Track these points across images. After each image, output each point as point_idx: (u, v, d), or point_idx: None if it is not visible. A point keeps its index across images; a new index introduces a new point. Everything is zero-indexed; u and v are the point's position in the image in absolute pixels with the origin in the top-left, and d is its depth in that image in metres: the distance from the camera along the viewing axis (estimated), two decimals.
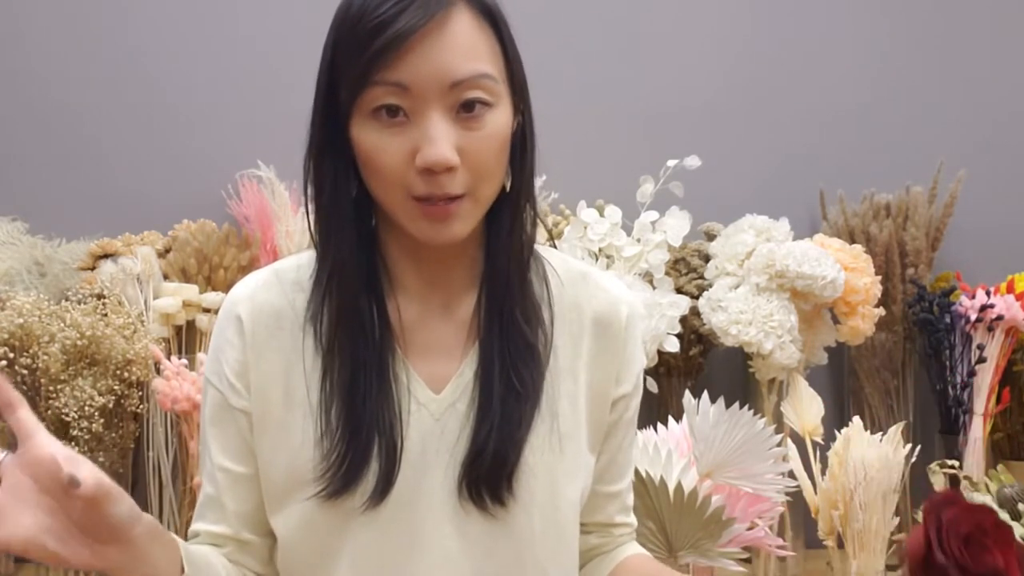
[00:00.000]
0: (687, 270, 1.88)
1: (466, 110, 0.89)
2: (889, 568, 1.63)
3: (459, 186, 0.89)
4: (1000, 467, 1.57)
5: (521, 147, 0.96)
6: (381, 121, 0.89)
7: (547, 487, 0.97)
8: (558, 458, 0.97)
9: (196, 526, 0.99)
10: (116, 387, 1.61)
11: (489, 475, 0.94)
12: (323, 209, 0.95)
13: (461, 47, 0.88)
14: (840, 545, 1.64)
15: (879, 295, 1.82)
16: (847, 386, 1.95)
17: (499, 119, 0.91)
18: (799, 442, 1.61)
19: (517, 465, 0.94)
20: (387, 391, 0.94)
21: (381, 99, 0.88)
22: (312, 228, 0.96)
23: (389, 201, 0.91)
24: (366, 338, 0.94)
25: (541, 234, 1.85)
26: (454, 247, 0.95)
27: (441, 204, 0.89)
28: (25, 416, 0.79)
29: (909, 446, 1.56)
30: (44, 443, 0.77)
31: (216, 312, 1.73)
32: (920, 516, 0.93)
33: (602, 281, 1.04)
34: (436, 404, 0.96)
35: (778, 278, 1.72)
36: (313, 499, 0.93)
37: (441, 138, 0.87)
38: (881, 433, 1.56)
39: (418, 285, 0.99)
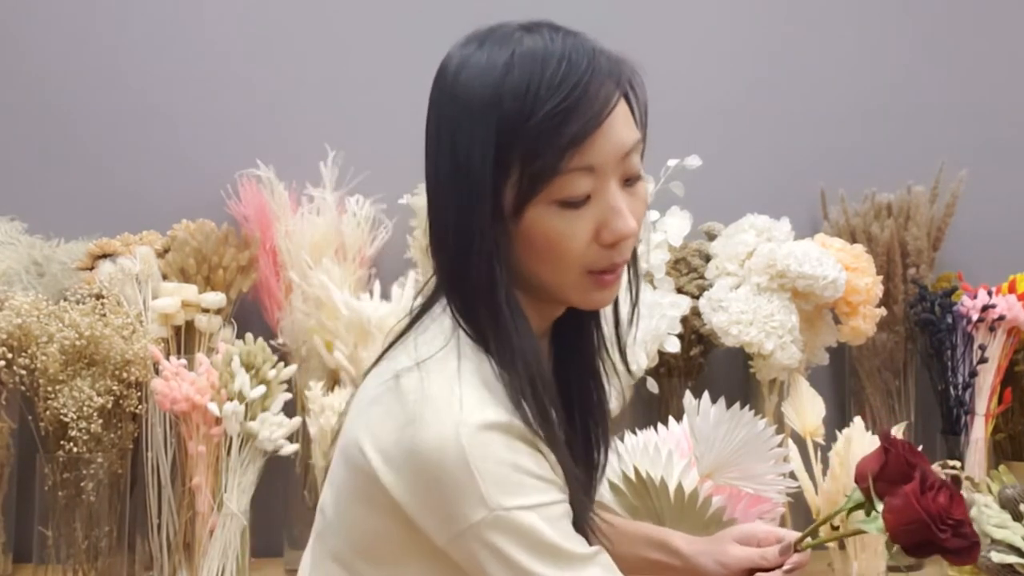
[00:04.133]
0: (688, 270, 1.87)
1: (629, 183, 0.92)
2: (891, 569, 1.63)
3: (629, 251, 0.94)
4: (1002, 467, 1.57)
5: None
6: (569, 207, 0.88)
7: None
8: None
9: None
10: (115, 387, 1.60)
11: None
12: (497, 306, 0.90)
13: (627, 120, 0.92)
14: (841, 546, 1.63)
15: (880, 295, 1.81)
16: (848, 386, 1.95)
17: (643, 181, 0.95)
18: (800, 443, 1.61)
19: None
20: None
21: (573, 186, 0.87)
22: (482, 324, 0.91)
23: (560, 280, 0.92)
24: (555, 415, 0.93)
25: None
26: (561, 308, 0.99)
27: (613, 271, 0.92)
28: None
29: None
30: None
31: (216, 312, 1.74)
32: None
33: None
34: None
35: (779, 278, 1.71)
36: None
37: (626, 210, 0.90)
38: None
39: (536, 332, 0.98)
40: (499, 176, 0.87)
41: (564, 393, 1.00)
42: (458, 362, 0.90)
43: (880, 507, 0.99)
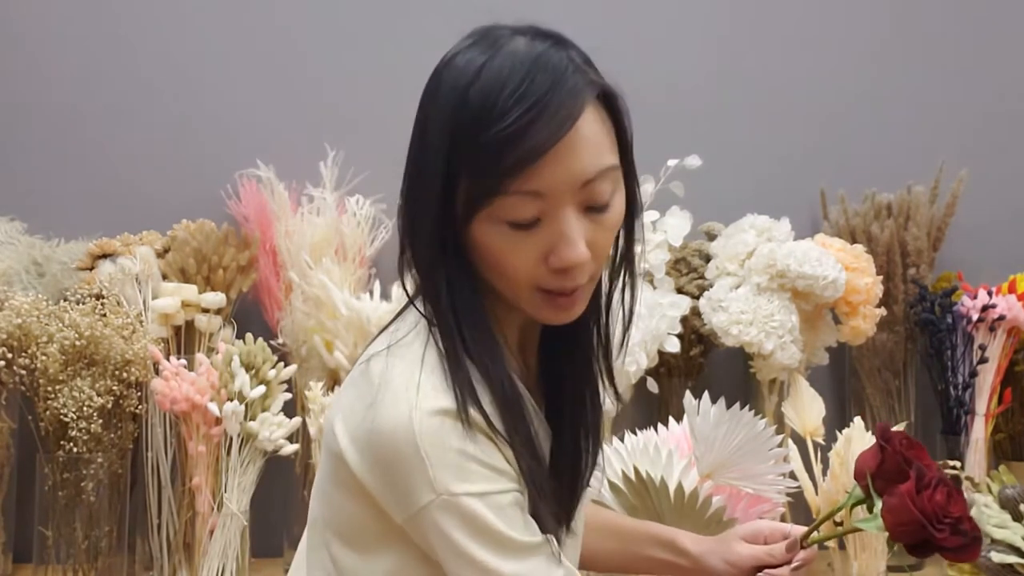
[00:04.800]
0: (688, 270, 1.87)
1: (595, 209, 0.89)
2: (891, 569, 1.63)
3: (585, 276, 0.91)
4: (1002, 468, 1.56)
5: (627, 215, 0.97)
6: (514, 228, 0.87)
7: None
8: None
9: None
10: (115, 387, 1.60)
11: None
12: (454, 308, 0.91)
13: (589, 147, 0.88)
14: (841, 546, 1.63)
15: (880, 295, 1.81)
16: (848, 386, 1.95)
17: (618, 204, 0.92)
18: (800, 443, 1.61)
19: None
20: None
21: (517, 209, 0.86)
22: (444, 321, 0.91)
23: (512, 293, 0.92)
24: (529, 413, 0.94)
25: None
26: None
27: (569, 294, 0.91)
28: None
29: None
30: None
31: (215, 312, 1.74)
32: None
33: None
34: None
35: (779, 278, 1.71)
36: None
37: (578, 238, 0.88)
38: None
39: (512, 340, 0.99)
40: (449, 185, 0.87)
41: (555, 397, 1.01)
42: (423, 349, 0.91)
43: (879, 504, 0.99)
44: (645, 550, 1.16)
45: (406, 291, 0.97)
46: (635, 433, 1.43)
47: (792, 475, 1.45)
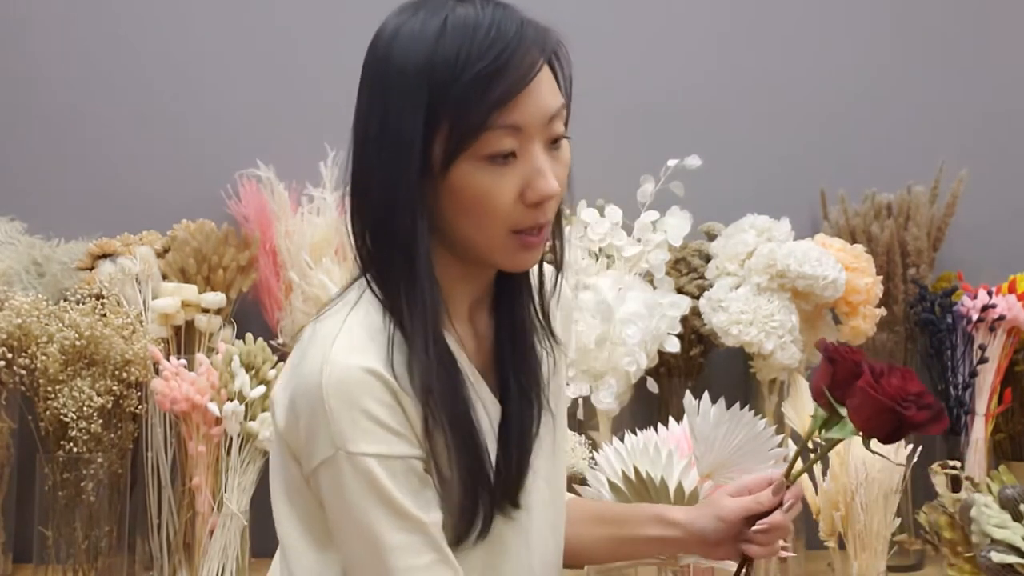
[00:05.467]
0: (688, 270, 1.87)
1: (554, 144, 0.95)
2: (891, 569, 1.63)
3: (552, 212, 0.96)
4: (1002, 468, 1.56)
5: None
6: (495, 163, 0.92)
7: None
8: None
9: None
10: (115, 387, 1.60)
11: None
12: (410, 263, 0.93)
13: (551, 85, 0.95)
14: (841, 546, 1.63)
15: (880, 295, 1.81)
16: None
17: (567, 146, 0.98)
18: (800, 443, 1.61)
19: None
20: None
21: (499, 143, 0.91)
22: (390, 280, 0.94)
23: (486, 238, 0.94)
24: (465, 380, 0.96)
25: None
26: (490, 273, 1.02)
27: (538, 233, 0.95)
28: None
29: (910, 447, 1.56)
30: None
31: (215, 312, 1.74)
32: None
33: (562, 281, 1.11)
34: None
35: (779, 278, 1.71)
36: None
37: (549, 171, 0.93)
38: None
39: (462, 310, 1.01)
40: (429, 132, 0.90)
41: (503, 361, 1.03)
42: (350, 310, 0.95)
43: (844, 411, 1.01)
44: (635, 530, 1.14)
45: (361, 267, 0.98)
46: (635, 433, 1.42)
47: None
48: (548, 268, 1.06)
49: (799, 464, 1.11)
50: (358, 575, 0.94)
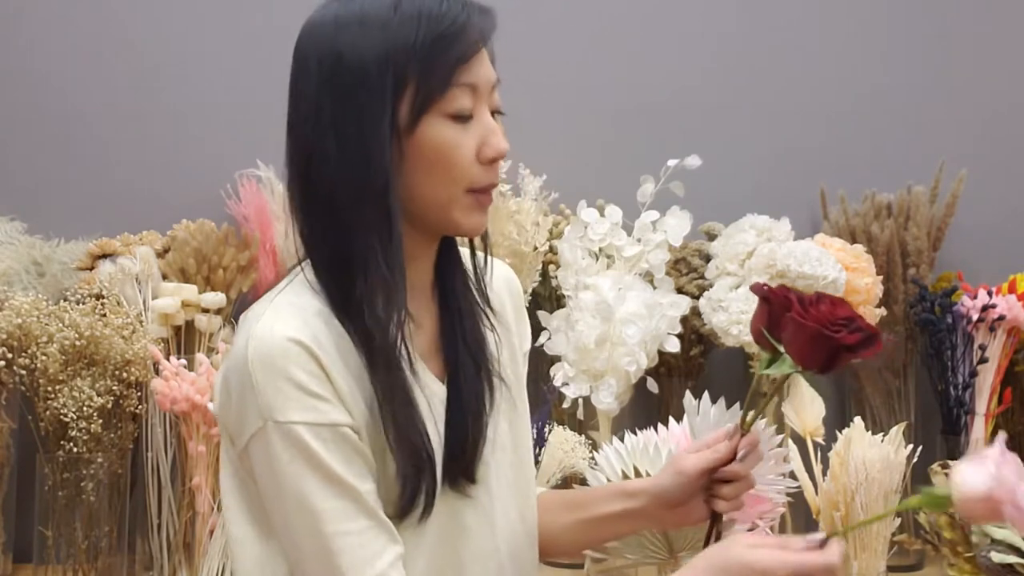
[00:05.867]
0: (688, 270, 1.87)
1: (495, 115, 1.01)
2: (891, 569, 1.63)
3: (500, 173, 1.03)
4: None
5: None
6: (457, 122, 0.96)
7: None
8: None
9: (382, 561, 0.93)
10: (115, 387, 1.61)
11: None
12: (385, 210, 0.95)
13: (490, 57, 1.00)
14: None
15: (880, 295, 1.81)
16: (848, 387, 1.94)
17: (501, 123, 1.02)
18: (800, 443, 1.61)
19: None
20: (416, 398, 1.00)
21: (461, 100, 0.96)
22: (350, 249, 0.96)
23: (447, 197, 0.98)
24: (404, 360, 0.97)
25: (541, 234, 1.84)
26: (435, 247, 1.04)
27: (489, 193, 1.00)
28: None
29: (910, 447, 1.56)
30: None
31: (215, 312, 1.73)
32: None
33: (494, 261, 1.13)
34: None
35: (779, 278, 1.71)
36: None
37: (500, 131, 0.99)
38: (882, 434, 1.56)
39: (415, 285, 1.02)
40: (396, 92, 0.94)
41: (451, 341, 1.05)
42: (277, 294, 0.98)
43: (782, 347, 1.01)
44: (600, 509, 1.13)
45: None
46: (635, 433, 1.42)
47: (792, 475, 1.45)
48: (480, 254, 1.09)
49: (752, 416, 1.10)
50: (296, 550, 0.93)
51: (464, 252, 1.09)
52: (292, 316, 0.94)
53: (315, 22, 0.99)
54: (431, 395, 1.01)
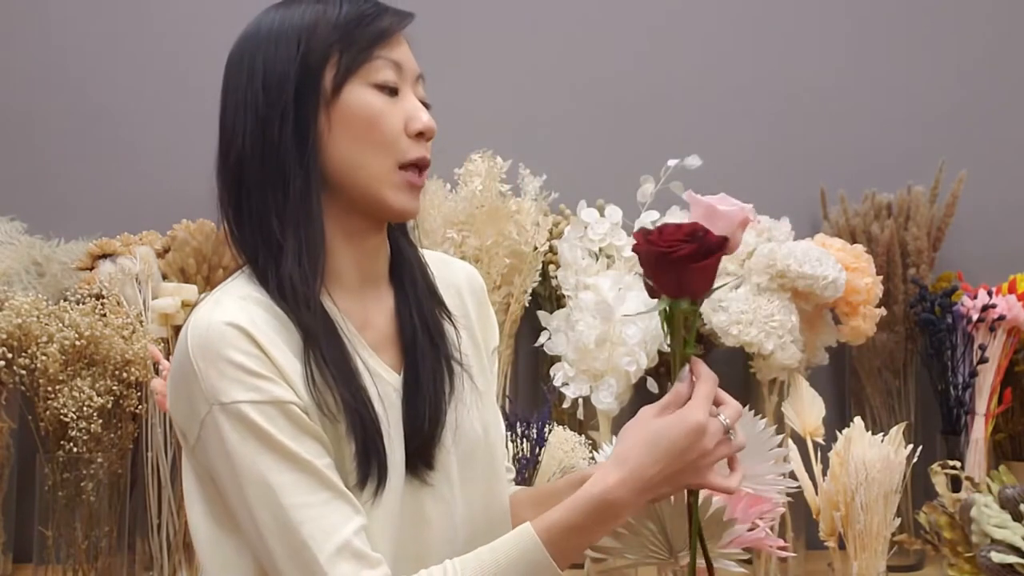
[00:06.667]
0: None
1: (424, 107, 1.05)
2: (891, 569, 1.63)
3: (430, 151, 1.04)
4: (1002, 468, 1.56)
5: None
6: (382, 92, 1.01)
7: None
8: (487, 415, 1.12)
9: (346, 530, 0.93)
10: (115, 387, 1.61)
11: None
12: (293, 211, 0.98)
13: (412, 48, 1.06)
14: (841, 546, 1.63)
15: (880, 295, 1.81)
16: (848, 386, 1.95)
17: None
18: (800, 443, 1.61)
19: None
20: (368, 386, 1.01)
21: (384, 72, 1.01)
22: (273, 231, 0.99)
23: (377, 170, 1.00)
24: (345, 338, 1.00)
25: (541, 234, 1.84)
26: (382, 238, 1.06)
27: (420, 174, 1.02)
28: None
29: (910, 447, 1.56)
30: None
31: None
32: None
33: (454, 260, 1.20)
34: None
35: (779, 278, 1.71)
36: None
37: (425, 111, 1.03)
38: (882, 434, 1.56)
39: (349, 281, 1.04)
40: (319, 64, 0.99)
41: (409, 330, 1.06)
42: (224, 284, 1.01)
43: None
44: (562, 499, 1.10)
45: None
46: None
47: (792, 475, 1.45)
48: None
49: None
50: (258, 533, 0.93)
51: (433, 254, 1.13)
52: (230, 303, 0.96)
53: (257, 26, 1.07)
54: (382, 383, 1.01)
